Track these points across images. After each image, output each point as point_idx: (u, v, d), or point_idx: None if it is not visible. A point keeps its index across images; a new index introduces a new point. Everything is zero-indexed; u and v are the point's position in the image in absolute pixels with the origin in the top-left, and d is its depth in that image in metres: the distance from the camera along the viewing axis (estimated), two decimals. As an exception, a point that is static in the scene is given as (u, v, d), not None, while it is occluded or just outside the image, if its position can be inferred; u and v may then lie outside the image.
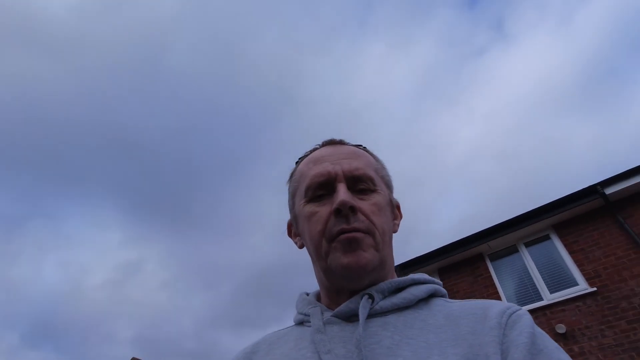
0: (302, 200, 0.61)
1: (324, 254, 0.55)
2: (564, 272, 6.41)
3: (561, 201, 6.62)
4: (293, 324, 0.64)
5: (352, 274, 0.54)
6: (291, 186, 0.67)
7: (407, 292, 0.56)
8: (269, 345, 0.60)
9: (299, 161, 0.69)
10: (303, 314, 0.60)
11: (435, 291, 0.58)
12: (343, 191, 0.55)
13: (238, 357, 0.60)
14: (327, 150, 0.64)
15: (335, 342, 0.50)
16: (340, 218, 0.54)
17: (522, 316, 0.47)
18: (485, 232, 7.25)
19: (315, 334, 0.52)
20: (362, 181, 0.59)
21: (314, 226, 0.57)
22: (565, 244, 6.57)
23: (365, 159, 0.64)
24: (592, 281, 6.00)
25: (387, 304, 0.54)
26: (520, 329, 0.44)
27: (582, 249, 6.33)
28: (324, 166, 0.60)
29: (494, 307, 0.49)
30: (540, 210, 6.80)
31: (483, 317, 0.48)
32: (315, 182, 0.59)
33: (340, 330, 0.52)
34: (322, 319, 0.55)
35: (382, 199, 0.60)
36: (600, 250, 6.16)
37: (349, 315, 0.54)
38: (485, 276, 7.21)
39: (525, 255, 6.98)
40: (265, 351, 0.58)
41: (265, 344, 0.60)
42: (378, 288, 0.55)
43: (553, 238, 6.79)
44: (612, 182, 6.27)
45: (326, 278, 0.58)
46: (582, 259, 6.25)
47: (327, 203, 0.57)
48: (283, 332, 0.62)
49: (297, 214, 0.63)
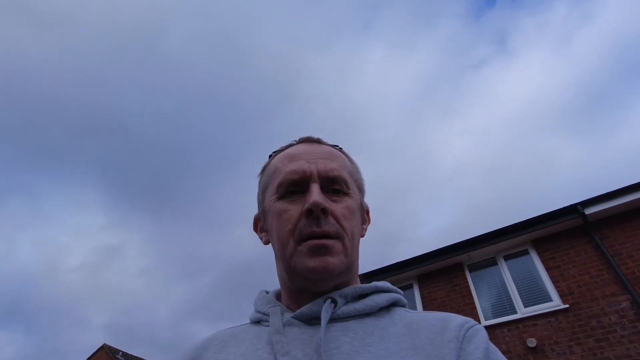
0: (273, 195, 0.59)
1: (290, 254, 0.54)
2: (539, 287, 6.55)
3: (541, 217, 6.77)
4: (249, 321, 0.62)
5: (317, 277, 0.53)
6: (262, 180, 0.66)
7: (370, 299, 0.55)
8: (221, 342, 0.57)
9: (273, 155, 0.67)
10: (261, 312, 0.59)
11: (396, 300, 0.58)
12: (316, 192, 0.54)
13: (187, 352, 0.57)
14: (304, 147, 0.63)
15: (294, 345, 0.49)
16: (312, 219, 0.53)
17: (479, 331, 0.49)
18: (467, 243, 7.37)
19: (273, 335, 0.51)
20: (336, 183, 0.58)
21: (284, 225, 0.55)
22: (542, 259, 6.71)
23: (341, 161, 0.63)
24: (565, 298, 6.14)
25: (350, 310, 0.53)
26: (477, 344, 0.46)
27: (558, 266, 6.47)
28: (300, 164, 0.59)
29: (453, 320, 0.50)
30: (520, 225, 6.93)
31: (442, 330, 0.49)
32: (288, 179, 0.58)
33: (300, 332, 0.51)
34: (281, 319, 0.54)
35: (353, 203, 0.59)
36: (575, 268, 6.31)
37: (310, 318, 0.53)
38: (463, 286, 7.31)
39: (503, 267, 7.10)
40: (217, 348, 0.56)
41: (217, 341, 0.58)
42: (342, 293, 0.55)
43: (531, 253, 6.93)
44: (592, 203, 6.43)
45: (289, 278, 0.57)
46: (557, 276, 6.39)
47: (298, 202, 0.56)
48: (238, 330, 0.59)
49: (266, 209, 0.62)
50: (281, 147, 0.67)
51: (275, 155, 0.66)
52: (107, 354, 21.28)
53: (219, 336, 0.59)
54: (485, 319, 6.72)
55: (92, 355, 21.61)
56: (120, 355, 21.76)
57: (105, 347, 21.73)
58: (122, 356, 21.79)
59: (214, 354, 0.55)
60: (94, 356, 21.56)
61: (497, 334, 6.41)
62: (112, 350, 21.67)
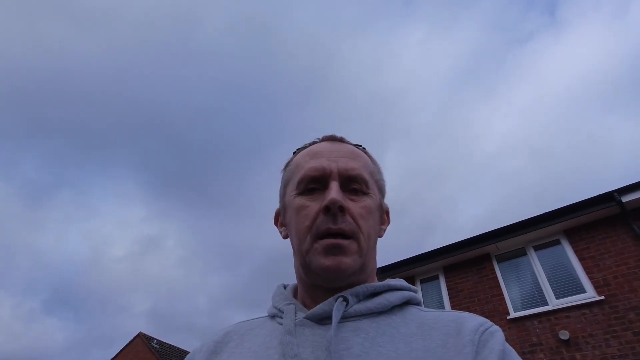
0: (293, 191, 0.61)
1: (306, 250, 0.55)
2: (572, 278, 6.30)
3: (575, 206, 6.47)
4: (267, 314, 0.63)
5: (330, 276, 0.54)
6: (285, 175, 0.67)
7: (382, 298, 0.55)
8: (240, 337, 0.58)
9: (297, 152, 0.68)
10: (277, 308, 0.60)
11: (410, 298, 0.58)
12: (335, 189, 0.55)
13: (209, 345, 0.59)
14: (326, 145, 0.64)
15: (304, 346, 0.49)
16: (329, 216, 0.54)
17: (494, 333, 0.48)
18: (495, 233, 7.16)
19: (284, 335, 0.51)
20: (355, 182, 0.58)
21: (302, 220, 0.56)
22: (575, 249, 6.44)
23: (363, 161, 0.63)
24: (601, 289, 5.88)
25: (362, 308, 0.53)
26: (492, 347, 0.45)
27: (593, 256, 6.19)
28: (321, 161, 0.59)
29: (467, 322, 0.49)
30: (552, 214, 6.66)
31: (456, 333, 0.48)
32: (309, 175, 0.59)
33: (311, 333, 0.51)
34: (294, 319, 0.54)
35: (372, 203, 0.59)
36: (611, 258, 6.01)
37: (322, 318, 0.53)
38: (490, 277, 7.14)
39: (533, 258, 6.87)
40: (236, 343, 0.57)
41: (236, 335, 0.59)
42: (353, 291, 0.55)
43: (563, 243, 6.66)
44: (630, 190, 6.08)
45: (304, 273, 0.58)
46: (591, 267, 6.12)
47: (317, 199, 0.57)
48: (256, 324, 0.61)
49: (286, 204, 0.63)
50: (305, 144, 0.69)
51: (299, 152, 0.67)
52: (143, 342, 22.37)
53: (238, 330, 0.61)
54: (515, 311, 6.55)
55: (128, 343, 22.80)
56: (155, 343, 22.82)
57: (140, 335, 22.84)
58: (156, 344, 22.84)
59: (233, 349, 0.56)
60: (131, 344, 22.73)
61: (527, 326, 6.24)
62: (148, 338, 22.76)
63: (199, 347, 0.60)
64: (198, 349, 0.60)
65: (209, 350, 0.58)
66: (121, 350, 22.81)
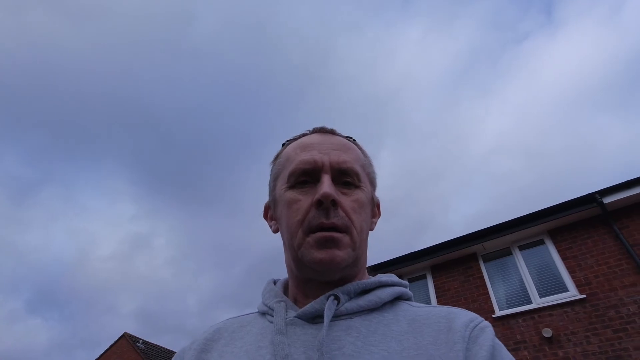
0: (284, 185, 0.59)
1: (298, 245, 0.54)
2: (555, 277, 6.44)
3: (558, 207, 6.62)
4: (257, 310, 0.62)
5: (324, 269, 0.53)
6: (275, 168, 0.65)
7: (374, 295, 0.55)
8: (230, 334, 0.57)
9: (286, 144, 0.67)
10: (267, 306, 0.59)
11: (401, 294, 0.57)
12: (327, 183, 0.54)
13: (199, 343, 0.58)
14: (317, 137, 0.63)
15: (296, 346, 0.48)
16: (321, 211, 0.52)
17: (484, 329, 0.48)
18: (481, 233, 7.27)
19: (275, 335, 0.50)
20: (347, 175, 0.57)
21: (293, 215, 0.55)
22: (559, 249, 6.58)
23: (354, 153, 0.62)
24: (582, 288, 6.03)
25: (353, 306, 0.53)
26: (482, 343, 0.45)
27: (575, 256, 6.34)
28: (312, 154, 0.58)
29: (458, 318, 0.49)
30: (536, 215, 6.79)
31: (447, 329, 0.48)
32: (300, 168, 0.57)
33: (303, 333, 0.50)
34: (285, 318, 0.53)
35: (364, 196, 0.58)
36: (593, 258, 6.17)
37: (314, 317, 0.52)
38: (477, 276, 7.24)
39: (518, 258, 7.00)
40: (226, 341, 0.56)
41: (226, 332, 0.58)
42: (344, 289, 0.54)
43: (547, 243, 6.80)
44: (611, 192, 6.24)
45: (296, 268, 0.57)
46: (574, 266, 6.27)
47: (309, 192, 0.56)
48: (246, 320, 0.60)
49: (276, 198, 0.61)
50: (294, 136, 0.67)
51: (289, 144, 0.65)
52: (128, 342, 21.98)
53: (229, 327, 0.59)
54: (500, 309, 6.66)
55: (113, 343, 22.38)
56: (141, 344, 22.44)
57: (126, 335, 22.43)
58: (142, 344, 22.47)
59: (223, 347, 0.55)
60: (116, 344, 22.31)
61: (512, 324, 6.36)
62: (133, 339, 22.36)
63: (188, 345, 0.59)
64: (188, 346, 0.59)
65: (198, 348, 0.56)
66: (106, 351, 22.36)
